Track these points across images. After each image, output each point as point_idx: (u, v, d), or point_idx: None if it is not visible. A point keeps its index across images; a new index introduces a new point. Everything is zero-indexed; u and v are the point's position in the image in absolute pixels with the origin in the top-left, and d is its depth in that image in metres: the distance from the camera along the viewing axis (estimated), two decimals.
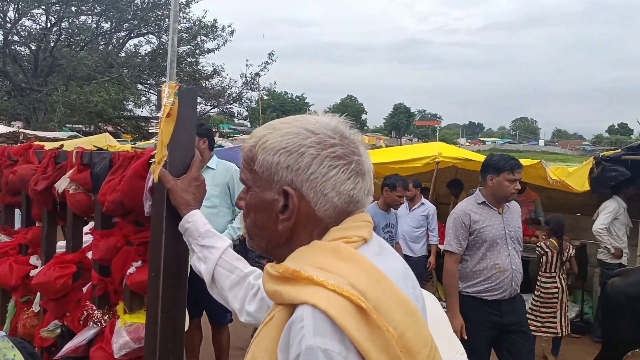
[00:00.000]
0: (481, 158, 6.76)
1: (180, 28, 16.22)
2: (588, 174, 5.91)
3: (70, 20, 18.97)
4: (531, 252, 5.71)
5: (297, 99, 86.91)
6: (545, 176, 5.99)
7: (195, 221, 1.48)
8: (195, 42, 16.84)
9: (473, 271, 3.46)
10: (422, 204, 6.28)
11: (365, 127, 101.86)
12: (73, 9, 17.94)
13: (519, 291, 3.52)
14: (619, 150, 5.86)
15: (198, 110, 16.78)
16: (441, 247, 4.82)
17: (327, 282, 0.82)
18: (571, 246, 5.24)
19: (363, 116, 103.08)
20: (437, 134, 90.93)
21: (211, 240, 1.45)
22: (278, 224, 0.97)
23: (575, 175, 6.11)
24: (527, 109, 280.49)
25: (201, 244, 1.45)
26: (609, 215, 5.65)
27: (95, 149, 2.34)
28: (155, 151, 1.58)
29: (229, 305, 1.41)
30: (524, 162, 6.29)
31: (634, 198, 5.66)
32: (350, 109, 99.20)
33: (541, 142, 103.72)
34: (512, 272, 3.42)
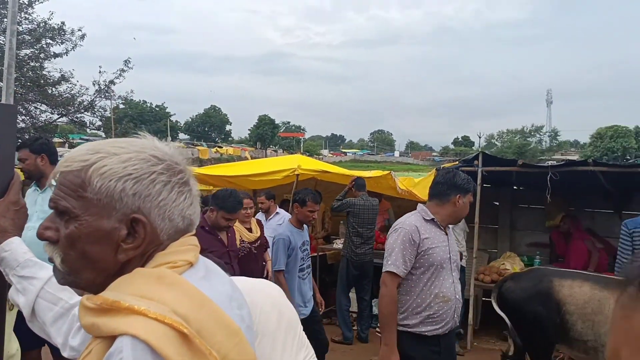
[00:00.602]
0: (338, 170, 7.08)
1: (21, 29, 14.72)
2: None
3: None
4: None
5: (157, 109, 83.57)
6: (394, 186, 6.42)
7: (13, 250, 1.33)
8: (40, 45, 15.41)
9: (414, 300, 2.97)
10: (277, 213, 6.36)
11: (230, 138, 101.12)
12: None
13: (458, 323, 3.16)
14: (457, 162, 6.47)
15: (43, 119, 15.35)
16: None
17: (149, 310, 0.81)
18: None
19: (227, 127, 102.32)
20: (302, 145, 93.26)
21: (32, 270, 1.32)
22: (119, 253, 0.92)
23: (420, 186, 6.62)
24: (383, 122, 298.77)
25: (20, 274, 1.31)
26: None
27: None
28: None
29: (51, 340, 1.29)
30: (375, 173, 6.73)
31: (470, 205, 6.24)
32: (214, 119, 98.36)
33: (396, 153, 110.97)
34: (455, 302, 3.04)
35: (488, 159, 6.03)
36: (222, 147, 64.39)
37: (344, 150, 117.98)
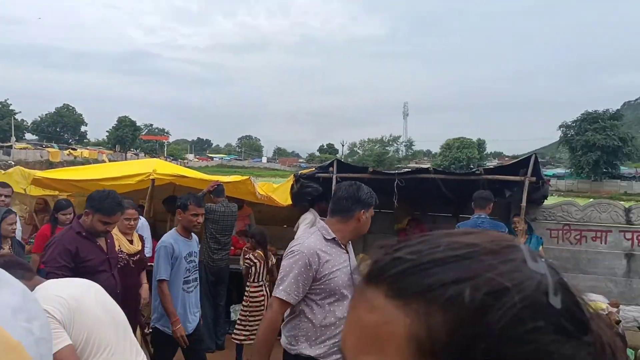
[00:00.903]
0: (196, 175, 6.92)
1: None
2: (290, 190, 6.58)
3: None
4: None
5: None
6: (254, 192, 6.43)
7: None
8: None
9: (318, 328, 2.72)
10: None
11: (85, 140, 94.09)
12: None
13: None
14: (314, 168, 6.68)
15: None
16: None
17: None
18: (273, 256, 5.72)
19: (83, 127, 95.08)
20: (165, 149, 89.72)
21: None
22: None
23: (279, 191, 6.73)
24: (251, 128, 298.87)
25: None
26: (308, 226, 6.35)
27: None
28: None
29: None
30: (234, 178, 6.69)
31: (324, 212, 6.47)
32: (67, 119, 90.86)
33: (264, 159, 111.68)
34: None
35: (342, 165, 6.31)
36: (76, 149, 59.74)
37: (210, 155, 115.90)
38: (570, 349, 0.45)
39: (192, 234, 4.33)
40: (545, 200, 7.04)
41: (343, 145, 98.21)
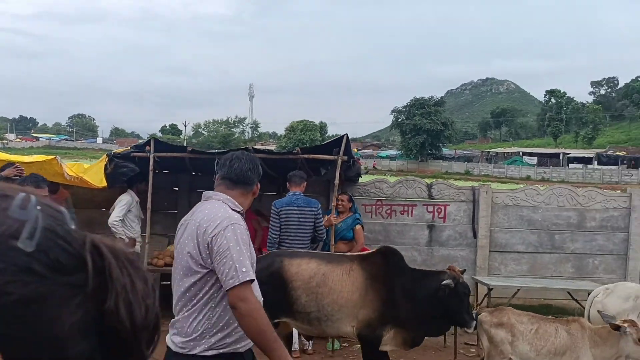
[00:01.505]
0: (7, 158, 6.17)
1: None
2: (104, 170, 6.20)
3: None
4: None
5: None
6: (62, 172, 5.94)
7: None
8: None
9: (226, 313, 2.33)
10: None
11: None
12: None
13: None
14: (130, 148, 6.37)
15: None
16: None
17: None
18: None
19: None
20: None
21: None
22: None
23: (92, 172, 6.30)
24: (85, 106, 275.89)
25: None
26: (124, 207, 6.06)
27: None
28: None
29: None
30: (38, 158, 6.13)
31: (144, 193, 6.23)
32: None
33: (99, 140, 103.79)
34: None
35: (160, 144, 6.10)
36: None
37: (36, 135, 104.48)
38: (41, 288, 0.48)
39: None
40: (360, 178, 7.57)
41: (185, 126, 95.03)
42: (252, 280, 2.24)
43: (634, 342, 3.69)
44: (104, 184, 6.30)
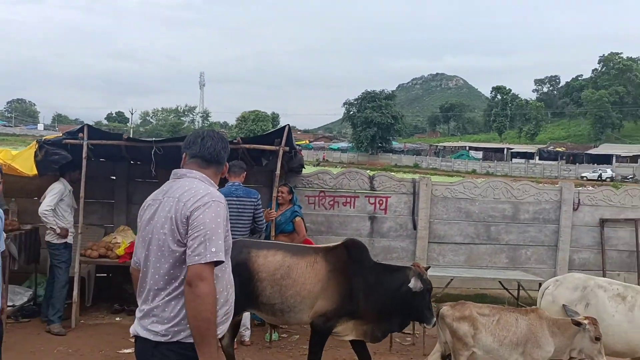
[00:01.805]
0: None
1: None
2: (34, 157, 5.93)
3: None
4: None
5: None
6: None
7: None
8: None
9: (221, 294, 2.30)
10: None
11: None
12: None
13: None
14: (62, 134, 6.11)
15: None
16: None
17: None
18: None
19: None
20: None
21: None
22: None
23: (21, 159, 6.01)
24: (25, 91, 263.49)
25: None
26: (55, 196, 5.82)
27: None
28: None
29: None
30: None
31: (78, 181, 6.00)
32: None
33: (40, 126, 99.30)
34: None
35: (94, 131, 5.88)
36: None
37: None
38: None
39: None
40: (304, 169, 7.57)
41: (132, 114, 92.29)
42: (218, 263, 2.15)
43: (590, 339, 3.87)
44: (35, 171, 6.02)
